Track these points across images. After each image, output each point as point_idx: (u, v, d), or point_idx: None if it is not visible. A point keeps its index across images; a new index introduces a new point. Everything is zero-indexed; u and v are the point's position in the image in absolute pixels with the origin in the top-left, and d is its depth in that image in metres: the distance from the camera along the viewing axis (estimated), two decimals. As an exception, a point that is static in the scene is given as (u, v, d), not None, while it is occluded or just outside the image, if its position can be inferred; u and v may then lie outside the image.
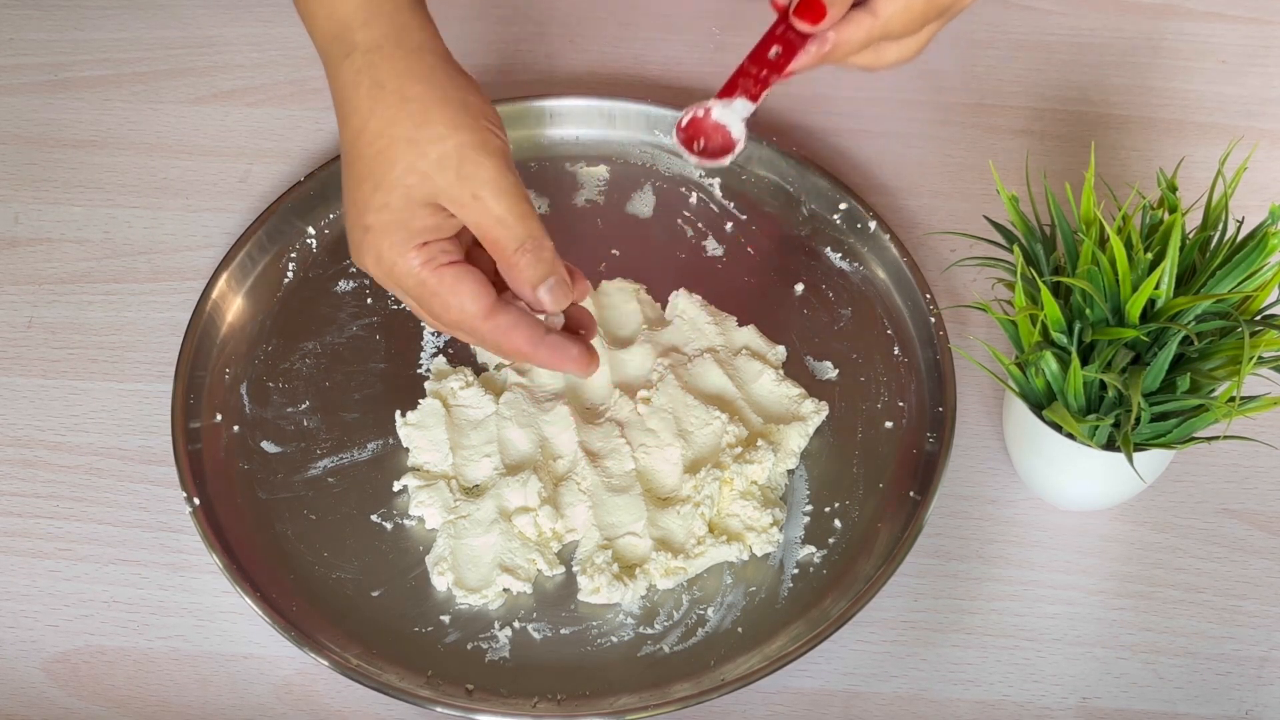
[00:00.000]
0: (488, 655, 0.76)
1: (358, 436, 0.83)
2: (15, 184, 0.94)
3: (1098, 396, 0.74)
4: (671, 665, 0.75)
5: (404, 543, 0.79)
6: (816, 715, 0.75)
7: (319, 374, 0.85)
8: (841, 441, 0.83)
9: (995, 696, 0.76)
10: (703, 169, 0.92)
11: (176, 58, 1.00)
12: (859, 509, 0.80)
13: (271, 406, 0.84)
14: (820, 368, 0.85)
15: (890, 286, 0.88)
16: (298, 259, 0.89)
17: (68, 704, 0.76)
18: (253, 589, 0.76)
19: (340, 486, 0.81)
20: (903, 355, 0.85)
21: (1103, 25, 1.02)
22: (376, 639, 0.76)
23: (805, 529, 0.80)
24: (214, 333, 0.86)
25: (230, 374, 0.85)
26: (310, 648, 0.74)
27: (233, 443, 0.82)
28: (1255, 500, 0.82)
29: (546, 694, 0.74)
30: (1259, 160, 0.85)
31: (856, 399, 0.84)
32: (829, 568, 0.78)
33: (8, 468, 0.83)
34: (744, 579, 0.78)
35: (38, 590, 0.79)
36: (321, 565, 0.78)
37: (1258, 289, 0.72)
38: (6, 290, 0.90)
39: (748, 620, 0.77)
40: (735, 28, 1.01)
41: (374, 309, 0.88)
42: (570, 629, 0.77)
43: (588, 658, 0.76)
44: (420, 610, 0.77)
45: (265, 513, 0.80)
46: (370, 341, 0.86)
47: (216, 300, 0.86)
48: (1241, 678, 0.77)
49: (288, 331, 0.87)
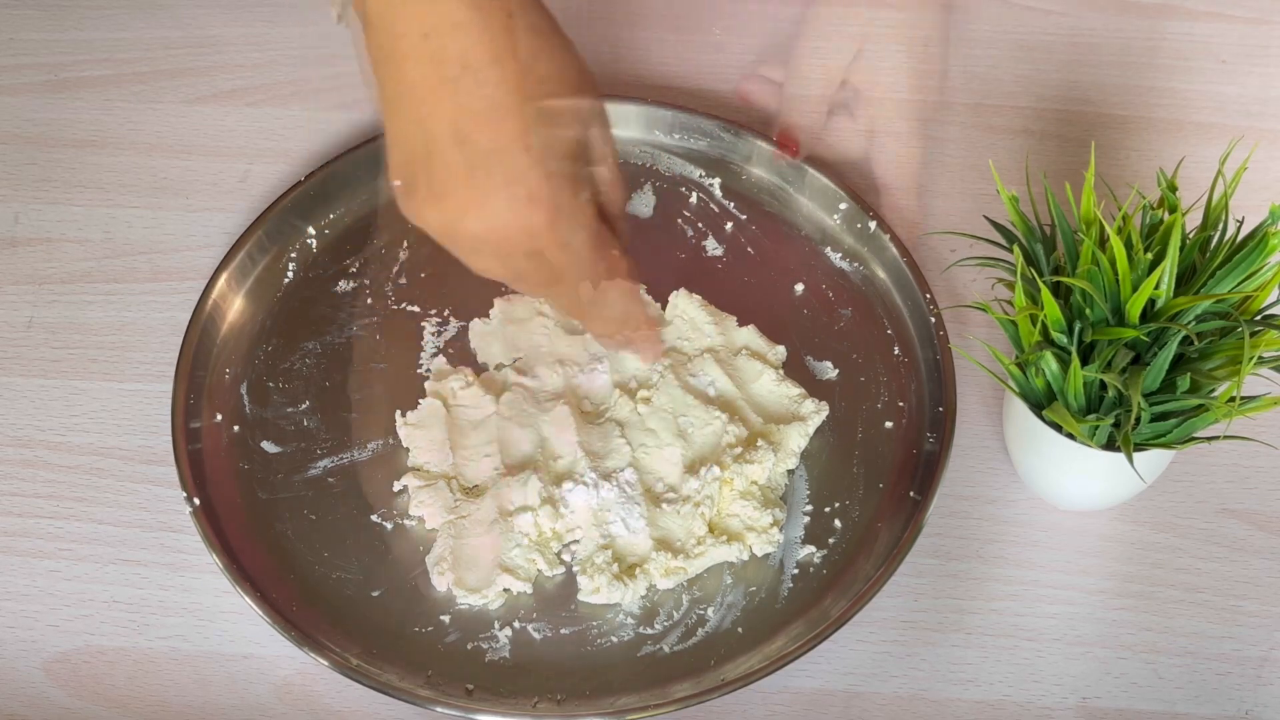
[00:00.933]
0: (488, 655, 0.76)
1: (358, 436, 0.83)
2: (15, 184, 0.94)
3: (1098, 396, 0.74)
4: (671, 665, 0.75)
5: (404, 543, 0.79)
6: (816, 715, 0.75)
7: (319, 374, 0.85)
8: (841, 441, 0.83)
9: (995, 696, 0.76)
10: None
11: (176, 58, 1.00)
12: (859, 509, 0.80)
13: (271, 406, 0.84)
14: (820, 368, 0.85)
15: (890, 286, 0.88)
16: (298, 259, 0.89)
17: (67, 704, 0.76)
18: (252, 589, 0.76)
19: (340, 486, 0.81)
20: (903, 355, 0.85)
21: (1103, 25, 1.02)
22: (376, 639, 0.76)
23: (805, 529, 0.80)
24: (214, 332, 0.85)
25: (230, 374, 0.85)
26: (310, 647, 0.74)
27: (233, 443, 0.82)
28: (1255, 500, 0.82)
29: (546, 694, 0.74)
30: (1259, 160, 0.85)
31: (857, 399, 0.84)
32: (829, 568, 0.78)
33: (8, 468, 0.83)
34: (744, 579, 0.78)
35: (38, 590, 0.79)
36: (321, 565, 0.78)
37: (1258, 289, 0.72)
38: (6, 290, 0.90)
39: (748, 620, 0.77)
40: (736, 28, 1.01)
41: (374, 309, 0.88)
42: (570, 629, 0.77)
43: (587, 658, 0.76)
44: (420, 610, 0.77)
45: (265, 513, 0.80)
46: (370, 342, 0.86)
47: (216, 300, 0.86)
48: (1241, 678, 0.77)
49: (288, 331, 0.87)
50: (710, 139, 0.93)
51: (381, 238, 0.90)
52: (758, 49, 0.99)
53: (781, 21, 0.97)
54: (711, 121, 0.93)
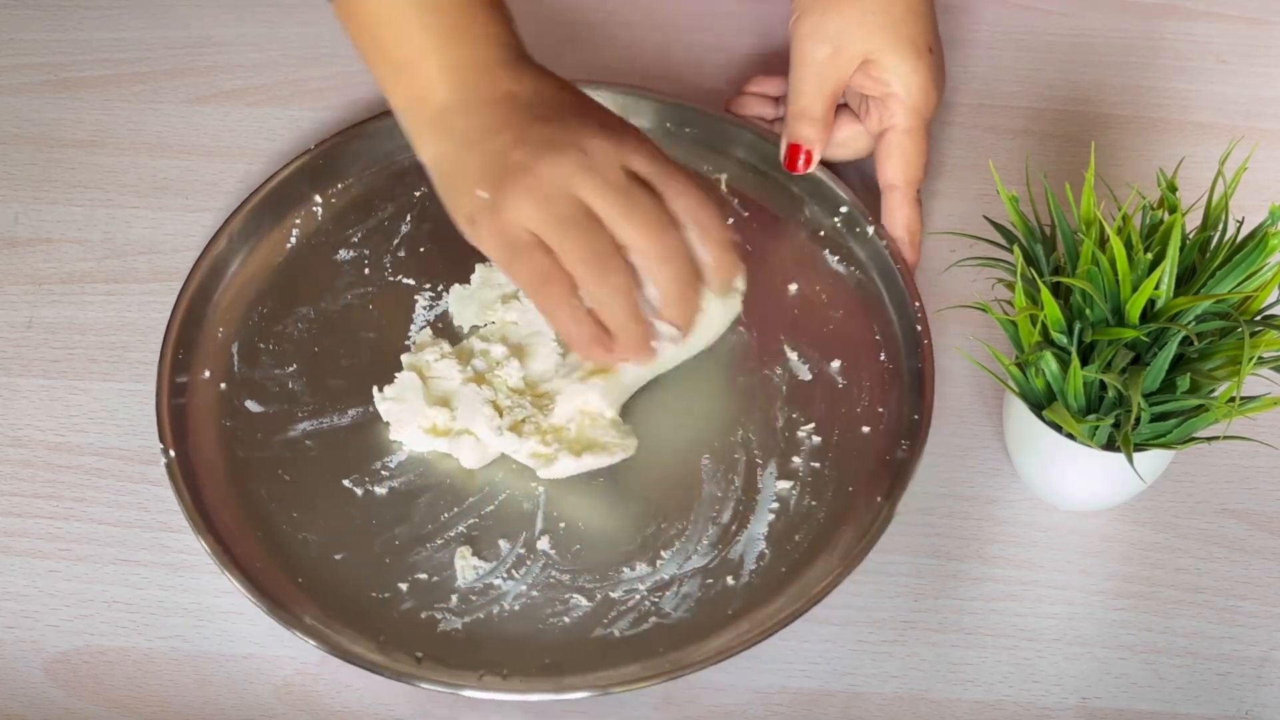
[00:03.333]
0: (440, 625, 0.77)
1: (339, 403, 0.84)
2: (15, 184, 0.94)
3: (1098, 396, 0.74)
4: (621, 649, 0.76)
5: (372, 509, 0.80)
6: (816, 715, 0.75)
7: (309, 339, 0.86)
8: (816, 443, 0.83)
9: (995, 696, 0.76)
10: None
11: (176, 58, 1.00)
12: (825, 511, 0.80)
13: (260, 367, 0.85)
14: (803, 368, 0.85)
15: (881, 291, 0.88)
16: (302, 225, 0.90)
17: (67, 704, 0.76)
18: (216, 541, 0.77)
19: (317, 450, 0.82)
20: (888, 362, 0.85)
21: (1103, 25, 1.02)
22: (334, 601, 0.77)
23: (769, 526, 0.80)
24: (210, 291, 0.87)
25: (223, 333, 0.86)
26: (269, 606, 0.75)
27: (218, 399, 0.83)
28: (1255, 500, 0.82)
29: (494, 668, 0.75)
30: (1259, 160, 0.85)
31: (836, 402, 0.84)
32: (787, 566, 0.79)
33: (8, 468, 0.83)
34: (701, 572, 0.78)
35: (37, 590, 0.79)
36: (289, 525, 0.80)
37: (1258, 289, 0.72)
38: (6, 290, 0.90)
39: (700, 611, 0.77)
40: (737, 29, 1.01)
41: (370, 279, 0.89)
42: (523, 604, 0.77)
43: (539, 635, 0.76)
44: (379, 577, 0.78)
45: (241, 471, 0.81)
46: (363, 311, 0.87)
47: (215, 260, 0.87)
48: (1241, 678, 0.77)
49: (284, 295, 0.88)
50: (717, 133, 0.93)
51: (385, 210, 0.91)
52: (761, 50, 0.99)
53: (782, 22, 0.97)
54: (721, 116, 0.93)
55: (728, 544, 0.79)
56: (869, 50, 0.86)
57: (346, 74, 0.99)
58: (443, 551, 0.79)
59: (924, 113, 0.88)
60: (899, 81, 0.87)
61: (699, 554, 0.79)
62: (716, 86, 0.98)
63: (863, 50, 0.86)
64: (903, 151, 0.88)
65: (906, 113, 0.87)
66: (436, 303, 0.88)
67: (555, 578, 0.78)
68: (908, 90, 0.87)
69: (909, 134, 0.87)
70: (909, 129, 0.87)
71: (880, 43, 0.86)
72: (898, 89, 0.87)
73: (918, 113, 0.87)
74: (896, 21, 0.86)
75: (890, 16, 0.86)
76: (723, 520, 0.80)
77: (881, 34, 0.86)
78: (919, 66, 0.87)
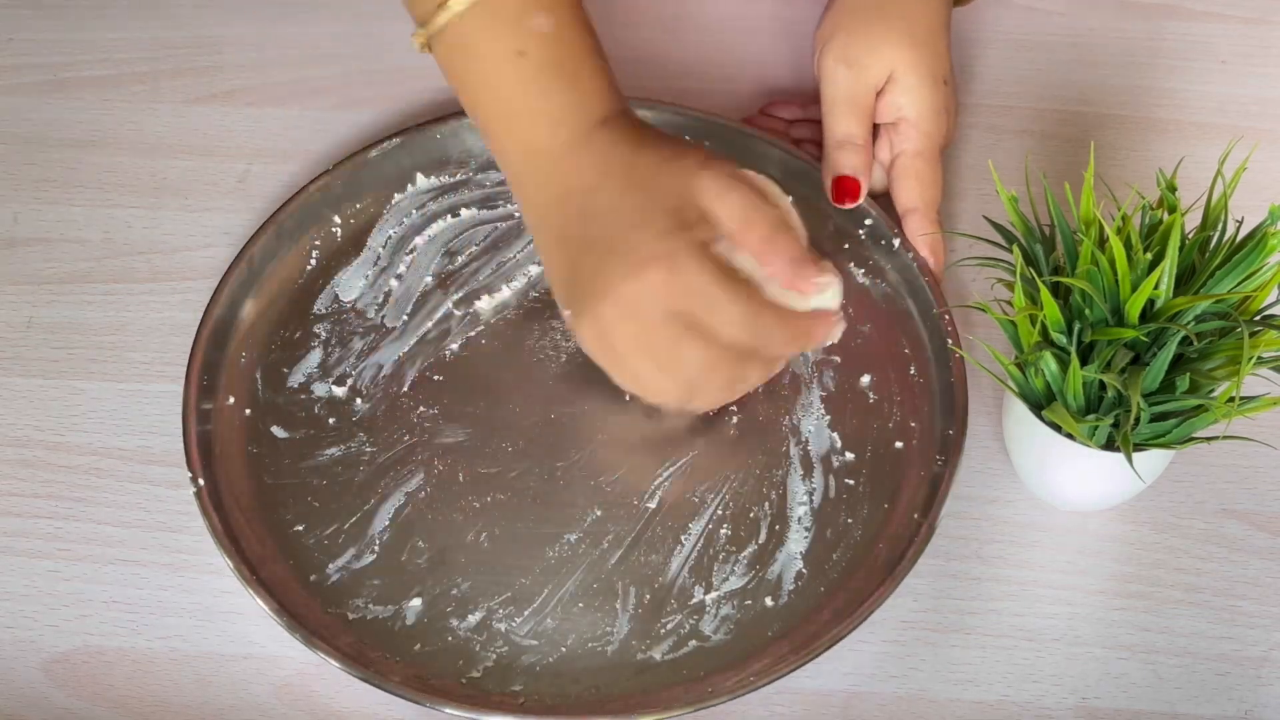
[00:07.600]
0: (480, 658, 0.76)
1: (365, 427, 0.83)
2: (15, 184, 0.94)
3: (1097, 396, 0.74)
4: (662, 673, 0.75)
5: (399, 533, 0.80)
6: (816, 715, 0.75)
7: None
8: (850, 459, 0.83)
9: (995, 697, 0.76)
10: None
11: (176, 58, 1.00)
12: (861, 529, 0.80)
13: (284, 393, 0.84)
14: (833, 383, 0.85)
15: (910, 305, 0.87)
16: (321, 245, 0.90)
17: (67, 704, 0.76)
18: (250, 572, 0.76)
19: (345, 475, 0.81)
20: (918, 375, 0.85)
21: (1103, 25, 1.02)
22: (367, 632, 0.76)
23: (807, 545, 0.80)
24: (231, 320, 0.86)
25: (246, 358, 0.85)
26: (314, 647, 0.74)
27: (244, 426, 0.83)
28: (1255, 500, 0.82)
29: (531, 695, 0.75)
30: (1259, 160, 0.85)
31: (868, 417, 0.84)
32: (826, 586, 0.78)
33: (7, 468, 0.83)
34: (740, 593, 0.78)
35: (37, 590, 0.79)
36: (322, 553, 0.79)
37: (1257, 289, 0.72)
38: (6, 290, 0.90)
39: (740, 633, 0.77)
40: (737, 29, 1.01)
41: None
42: (557, 624, 0.77)
43: (577, 659, 0.76)
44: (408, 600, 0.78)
45: (270, 498, 0.81)
46: None
47: (238, 282, 0.86)
48: (1241, 678, 0.77)
49: (306, 317, 0.87)
50: (737, 146, 0.92)
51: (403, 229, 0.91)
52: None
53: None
54: (741, 129, 0.93)
55: (765, 564, 0.79)
56: (893, 65, 0.86)
57: (346, 74, 0.99)
58: None
59: (935, 138, 0.87)
60: (912, 105, 0.86)
61: (736, 575, 0.79)
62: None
63: (889, 66, 0.86)
64: (917, 173, 0.87)
65: (919, 136, 0.87)
66: (466, 319, 0.87)
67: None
68: (920, 114, 0.86)
69: (921, 156, 0.87)
70: (920, 151, 0.87)
71: (902, 61, 0.86)
72: (910, 113, 0.86)
73: (930, 137, 0.87)
74: (919, 43, 0.86)
75: (914, 37, 0.86)
76: (759, 540, 0.80)
77: (905, 52, 0.86)
78: (934, 92, 0.86)
